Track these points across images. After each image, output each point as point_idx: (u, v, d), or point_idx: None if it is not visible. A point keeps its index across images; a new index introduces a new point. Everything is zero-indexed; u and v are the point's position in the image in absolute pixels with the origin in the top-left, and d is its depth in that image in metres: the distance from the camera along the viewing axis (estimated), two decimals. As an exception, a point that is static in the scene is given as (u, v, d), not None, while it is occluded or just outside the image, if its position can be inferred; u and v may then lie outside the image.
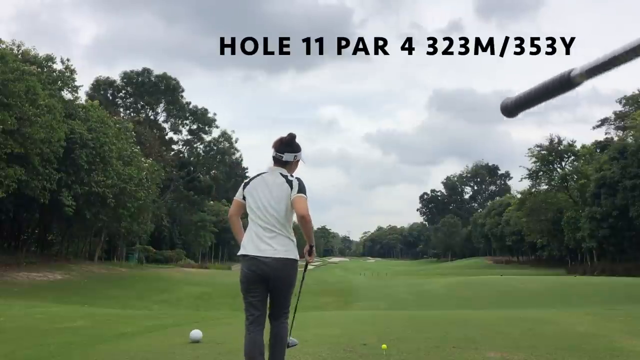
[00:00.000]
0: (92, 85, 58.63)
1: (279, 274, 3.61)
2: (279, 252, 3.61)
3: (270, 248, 3.61)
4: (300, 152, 3.90)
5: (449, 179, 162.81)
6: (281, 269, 3.61)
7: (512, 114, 1.06)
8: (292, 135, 3.86)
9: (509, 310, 14.26)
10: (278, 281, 3.64)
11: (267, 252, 3.59)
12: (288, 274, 3.66)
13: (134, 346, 6.35)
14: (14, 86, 24.43)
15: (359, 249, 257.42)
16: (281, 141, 3.84)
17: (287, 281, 3.68)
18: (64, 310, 13.17)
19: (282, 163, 3.82)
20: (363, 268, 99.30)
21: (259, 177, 3.85)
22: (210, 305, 24.33)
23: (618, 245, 53.26)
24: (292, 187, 3.70)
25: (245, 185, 3.88)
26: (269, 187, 3.73)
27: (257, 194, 3.74)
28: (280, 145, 3.82)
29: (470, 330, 7.37)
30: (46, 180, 27.74)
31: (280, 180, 3.73)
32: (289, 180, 3.73)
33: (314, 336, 6.63)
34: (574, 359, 5.13)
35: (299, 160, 3.91)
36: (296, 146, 3.87)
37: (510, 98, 1.04)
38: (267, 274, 3.60)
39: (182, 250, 65.16)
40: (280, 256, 3.60)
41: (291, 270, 3.69)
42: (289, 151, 3.82)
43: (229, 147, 66.86)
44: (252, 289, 3.67)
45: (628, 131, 56.27)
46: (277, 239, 3.63)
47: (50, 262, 32.93)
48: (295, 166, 3.90)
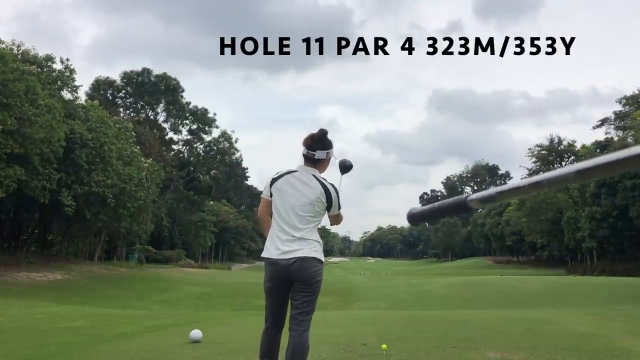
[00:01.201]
0: (92, 85, 58.65)
1: (303, 275, 3.39)
2: (304, 251, 3.40)
3: (295, 250, 3.40)
4: (332, 149, 3.63)
5: (449, 179, 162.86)
6: (305, 270, 3.39)
7: (415, 223, 1.21)
8: (324, 131, 3.60)
9: (509, 310, 14.25)
10: (302, 283, 3.41)
11: (292, 253, 3.39)
12: (312, 276, 3.42)
13: (134, 346, 6.35)
14: (13, 86, 24.42)
15: (359, 249, 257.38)
16: (312, 138, 3.58)
17: (311, 283, 3.43)
18: (64, 310, 13.17)
19: (313, 161, 3.56)
20: (363, 268, 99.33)
21: (289, 175, 3.56)
22: (210, 305, 24.32)
23: (618, 245, 53.27)
24: (332, 200, 3.52)
25: (273, 182, 3.59)
26: (300, 189, 3.49)
27: (286, 194, 3.50)
28: (312, 142, 3.56)
29: (470, 330, 7.37)
30: (46, 180, 27.73)
31: (315, 184, 3.51)
32: (326, 189, 3.51)
33: (313, 336, 6.60)
34: (574, 359, 5.13)
35: (331, 157, 3.65)
36: (328, 142, 3.61)
37: (416, 209, 1.18)
38: (291, 276, 3.40)
39: (182, 250, 65.15)
40: (305, 255, 3.39)
41: (316, 271, 3.44)
42: (320, 148, 3.55)
43: (229, 147, 66.84)
44: (274, 292, 3.49)
45: (628, 131, 56.28)
46: (302, 241, 3.43)
47: (50, 262, 32.93)
48: (327, 164, 3.66)
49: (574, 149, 65.73)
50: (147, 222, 42.96)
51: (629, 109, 63.90)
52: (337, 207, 3.56)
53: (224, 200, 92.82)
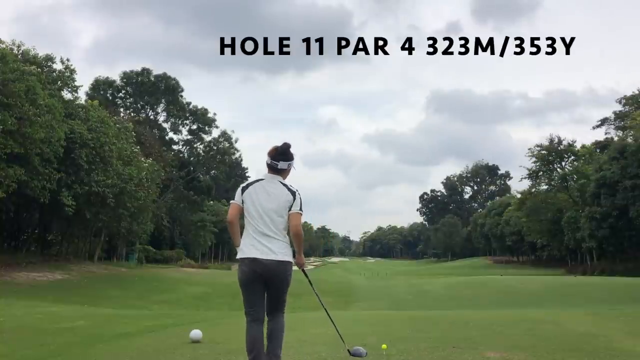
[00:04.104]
0: (92, 85, 58.57)
1: (279, 275, 3.96)
2: (279, 255, 3.94)
3: (270, 251, 3.93)
4: (293, 161, 4.18)
5: (448, 179, 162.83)
6: (281, 271, 3.96)
7: None
8: (287, 145, 4.14)
9: (509, 310, 14.26)
10: (277, 281, 3.98)
11: (268, 255, 3.92)
12: (286, 276, 4.01)
13: (134, 346, 6.36)
14: (14, 86, 24.41)
15: (359, 249, 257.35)
16: (276, 150, 4.11)
17: (285, 281, 4.03)
18: (64, 310, 13.17)
19: (276, 170, 4.11)
20: (363, 268, 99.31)
21: (257, 184, 4.10)
22: (210, 305, 24.33)
23: (618, 245, 53.26)
24: (295, 200, 4.03)
25: (243, 190, 4.10)
26: (269, 194, 4.02)
27: (257, 200, 4.01)
28: (276, 154, 4.09)
29: (470, 330, 7.37)
30: (46, 180, 27.71)
31: (281, 189, 4.05)
32: (292, 191, 4.06)
33: (313, 336, 6.63)
34: (574, 359, 5.13)
35: (292, 168, 4.21)
36: (290, 155, 4.15)
37: None
38: (267, 275, 3.93)
39: (182, 250, 65.11)
40: (280, 259, 3.94)
41: (288, 272, 4.04)
42: (283, 159, 4.10)
43: (229, 147, 66.79)
44: (252, 288, 3.99)
45: (628, 131, 56.28)
46: (276, 243, 3.96)
47: (50, 262, 32.89)
48: (288, 173, 4.21)
49: (574, 149, 65.70)
50: (147, 222, 42.91)
51: (628, 109, 63.91)
52: (298, 206, 4.04)
53: (224, 200, 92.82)
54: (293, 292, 15.99)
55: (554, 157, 65.70)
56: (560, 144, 65.48)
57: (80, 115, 33.04)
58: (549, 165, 66.47)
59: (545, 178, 67.72)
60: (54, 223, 38.70)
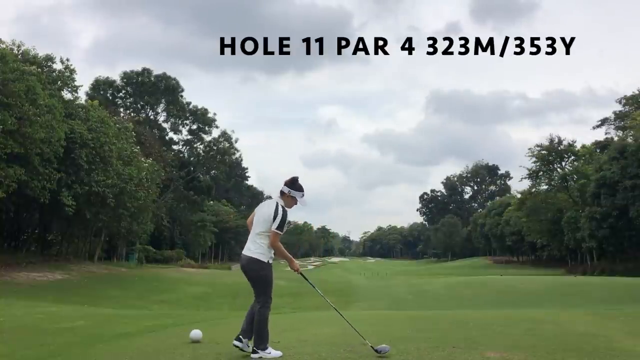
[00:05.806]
0: (92, 85, 58.55)
1: (250, 269, 5.07)
2: (252, 252, 5.04)
3: (247, 249, 5.10)
4: (295, 190, 5.18)
5: (448, 179, 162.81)
6: (251, 267, 5.05)
7: None
8: (295, 178, 5.27)
9: (509, 310, 14.25)
10: (249, 274, 5.10)
11: (246, 252, 5.10)
12: (255, 270, 5.03)
13: (134, 346, 6.36)
14: (14, 86, 24.41)
15: (359, 249, 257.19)
16: (289, 179, 5.27)
17: (256, 276, 5.05)
18: (64, 310, 13.17)
19: (281, 193, 5.23)
20: (363, 268, 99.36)
21: (265, 200, 5.44)
22: (210, 305, 24.32)
23: (618, 245, 53.27)
24: (275, 219, 4.97)
25: (258, 204, 5.42)
26: (263, 207, 5.25)
27: (259, 212, 5.22)
28: (286, 181, 5.26)
29: (470, 330, 7.37)
30: (46, 180, 27.71)
31: (272, 207, 5.08)
32: (276, 211, 5.01)
33: (313, 336, 6.63)
34: (574, 359, 5.13)
35: (293, 196, 5.19)
36: (294, 185, 5.22)
37: None
38: (243, 268, 5.15)
39: (182, 250, 65.12)
40: (250, 255, 5.04)
41: (258, 267, 5.01)
42: (287, 186, 5.23)
43: (229, 147, 66.74)
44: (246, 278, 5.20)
45: (628, 131, 56.32)
46: (254, 243, 5.07)
47: (50, 262, 32.88)
48: (289, 199, 5.21)
49: (574, 149, 65.71)
50: (147, 222, 42.91)
51: (628, 109, 63.94)
52: (277, 224, 4.96)
53: (224, 200, 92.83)
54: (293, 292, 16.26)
55: (554, 157, 65.72)
56: (560, 144, 65.51)
57: (80, 115, 33.04)
58: (549, 165, 66.49)
59: (545, 178, 67.75)
60: (54, 223, 38.70)
